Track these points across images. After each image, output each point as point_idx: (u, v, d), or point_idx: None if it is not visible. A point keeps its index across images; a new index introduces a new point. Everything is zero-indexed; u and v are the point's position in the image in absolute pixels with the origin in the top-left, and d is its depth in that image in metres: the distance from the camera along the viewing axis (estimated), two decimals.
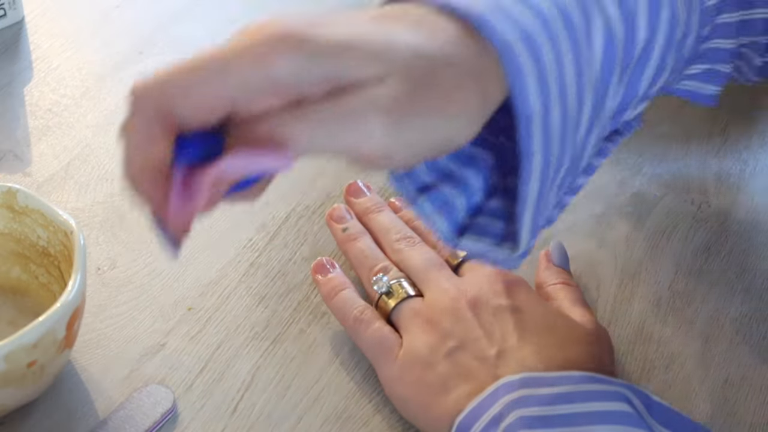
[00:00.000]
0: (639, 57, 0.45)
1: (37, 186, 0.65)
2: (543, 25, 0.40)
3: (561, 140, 0.42)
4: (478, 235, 0.45)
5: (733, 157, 0.67)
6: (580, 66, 0.41)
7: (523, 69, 0.39)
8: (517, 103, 0.39)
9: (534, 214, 0.43)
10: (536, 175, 0.41)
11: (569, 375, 0.48)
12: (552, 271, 0.58)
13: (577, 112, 0.42)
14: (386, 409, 0.53)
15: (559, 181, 0.44)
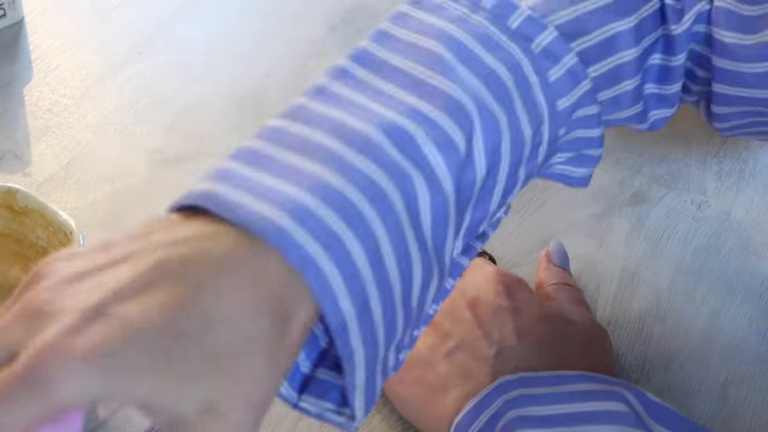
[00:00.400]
0: (481, 188, 0.42)
1: (36, 186, 0.65)
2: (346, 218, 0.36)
3: (386, 324, 0.38)
4: (318, 396, 0.41)
5: (733, 157, 0.67)
6: (401, 241, 0.38)
7: (329, 280, 0.35)
8: (328, 315, 0.36)
9: (366, 394, 0.39)
10: (361, 366, 0.38)
11: (567, 374, 0.48)
12: (552, 271, 0.58)
13: (405, 289, 0.39)
14: (386, 409, 0.53)
15: (394, 345, 0.40)
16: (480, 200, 0.43)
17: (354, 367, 0.38)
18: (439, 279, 0.42)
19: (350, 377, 0.38)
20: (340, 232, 0.36)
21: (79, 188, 0.65)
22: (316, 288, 0.35)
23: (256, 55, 0.75)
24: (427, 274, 0.40)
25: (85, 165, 0.67)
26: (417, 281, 0.40)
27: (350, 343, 0.37)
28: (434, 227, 0.40)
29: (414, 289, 0.40)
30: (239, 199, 0.35)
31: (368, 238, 0.37)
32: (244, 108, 0.71)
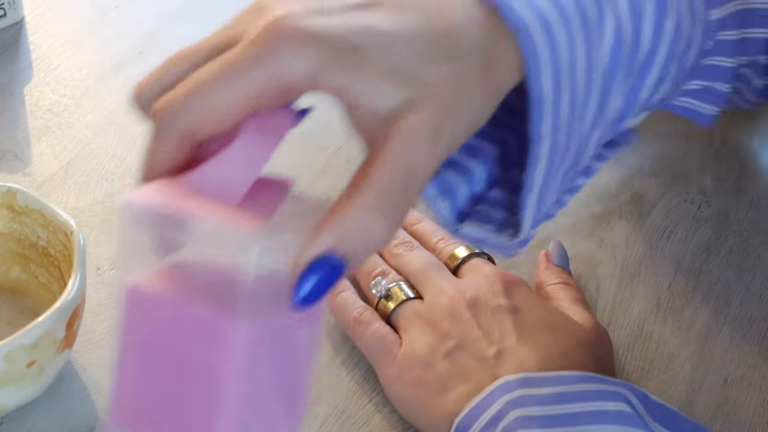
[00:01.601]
0: (642, 63, 0.45)
1: (37, 186, 0.65)
2: (560, 15, 0.40)
3: (568, 130, 0.42)
4: (479, 221, 0.45)
5: (733, 157, 0.67)
6: (591, 60, 0.41)
7: (539, 53, 0.39)
8: (533, 86, 0.39)
9: (538, 200, 0.42)
10: (543, 161, 0.41)
11: (568, 375, 0.48)
12: (552, 271, 0.58)
13: (584, 105, 0.42)
14: (386, 409, 0.53)
15: (562, 172, 0.44)
16: (639, 75, 0.45)
17: (539, 156, 0.41)
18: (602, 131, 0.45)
19: (532, 170, 0.41)
20: (553, 22, 0.40)
21: (79, 188, 0.65)
22: (528, 55, 0.39)
23: None
24: (598, 113, 0.43)
25: (85, 165, 0.67)
26: (591, 113, 0.43)
27: (542, 123, 0.40)
28: (608, 70, 0.43)
29: (588, 120, 0.43)
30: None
31: (570, 40, 0.40)
32: None
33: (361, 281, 0.57)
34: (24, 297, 0.56)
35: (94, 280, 0.59)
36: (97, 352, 0.56)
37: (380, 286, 0.55)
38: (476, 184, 0.45)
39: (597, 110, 0.43)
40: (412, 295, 0.54)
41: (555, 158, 0.42)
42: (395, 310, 0.54)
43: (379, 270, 0.56)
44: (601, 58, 0.42)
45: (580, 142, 0.43)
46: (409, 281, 0.55)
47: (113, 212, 0.64)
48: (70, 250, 0.52)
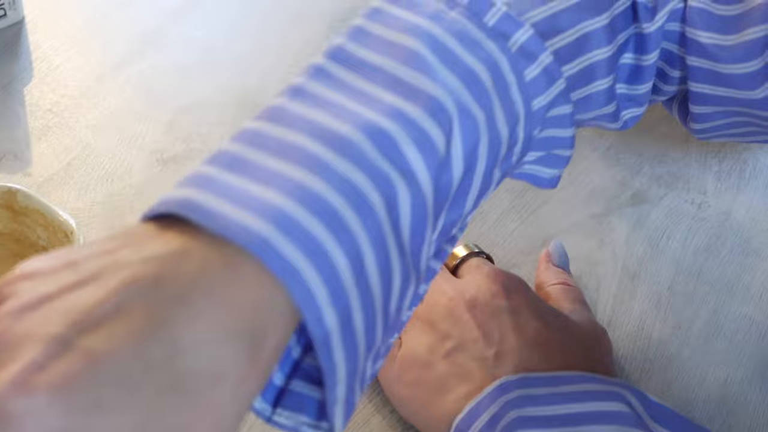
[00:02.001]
0: (457, 189, 0.42)
1: (37, 186, 0.65)
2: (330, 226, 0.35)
3: (367, 334, 0.37)
4: (293, 411, 0.41)
5: (733, 157, 0.67)
6: (383, 248, 0.37)
7: (313, 294, 0.34)
8: (312, 328, 0.34)
9: (346, 406, 0.38)
10: (342, 380, 0.37)
11: (567, 375, 0.48)
12: (552, 271, 0.58)
13: (384, 298, 0.38)
14: (386, 409, 0.53)
15: (372, 355, 0.39)
16: (455, 202, 0.42)
17: (335, 381, 0.36)
18: (415, 285, 0.41)
19: (331, 391, 0.36)
20: (324, 242, 0.35)
21: (79, 188, 0.65)
22: (300, 300, 0.34)
23: (256, 55, 0.75)
24: (405, 281, 0.39)
25: (85, 165, 0.67)
26: (396, 289, 0.38)
27: (333, 356, 0.35)
28: (413, 232, 0.39)
29: (393, 297, 0.38)
30: (218, 207, 0.34)
31: (351, 246, 0.35)
32: (244, 108, 0.71)
33: None
34: None
35: None
36: None
37: None
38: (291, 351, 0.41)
39: (404, 279, 0.39)
40: None
41: (356, 365, 0.38)
42: None
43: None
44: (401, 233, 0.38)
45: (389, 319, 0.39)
46: None
47: (113, 212, 0.64)
48: None
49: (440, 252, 0.45)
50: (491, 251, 0.61)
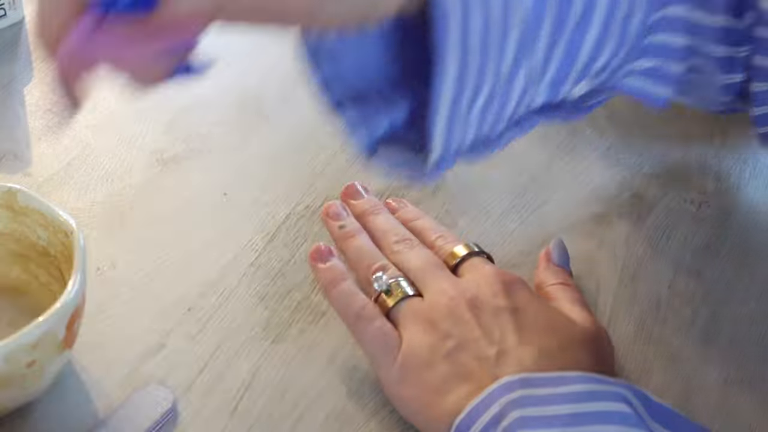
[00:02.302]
0: (577, 22, 0.45)
1: (37, 186, 0.65)
2: None
3: (481, 53, 0.42)
4: (395, 144, 0.47)
5: (733, 157, 0.67)
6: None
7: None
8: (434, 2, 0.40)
9: (448, 120, 0.44)
10: (451, 77, 0.42)
11: (568, 375, 0.48)
12: (552, 270, 0.58)
13: (501, 35, 0.42)
14: (386, 409, 0.53)
15: (480, 103, 0.44)
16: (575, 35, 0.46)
17: (445, 69, 0.41)
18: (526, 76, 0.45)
19: (438, 87, 0.41)
20: None
21: (79, 188, 0.65)
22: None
23: (256, 55, 0.75)
24: (519, 50, 0.43)
25: (85, 165, 0.67)
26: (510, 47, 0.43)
27: (447, 38, 0.40)
28: (533, 12, 0.43)
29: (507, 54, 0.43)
30: None
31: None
32: (244, 108, 0.71)
33: (360, 274, 0.57)
34: (24, 297, 0.56)
35: (94, 280, 0.59)
36: (97, 352, 0.56)
37: (381, 281, 0.55)
38: (397, 118, 0.47)
39: (519, 50, 0.44)
40: (412, 292, 0.54)
41: (465, 79, 0.42)
42: (394, 307, 0.54)
43: (379, 264, 0.56)
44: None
45: (498, 79, 0.44)
46: (409, 278, 0.55)
47: (113, 212, 0.64)
48: (70, 250, 0.52)
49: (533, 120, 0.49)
50: (491, 251, 0.61)
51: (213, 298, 0.59)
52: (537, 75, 0.46)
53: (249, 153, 0.68)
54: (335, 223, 0.59)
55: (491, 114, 0.46)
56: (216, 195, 0.65)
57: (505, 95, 0.45)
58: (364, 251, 0.57)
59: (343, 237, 0.59)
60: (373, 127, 0.47)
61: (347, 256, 0.58)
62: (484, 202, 0.65)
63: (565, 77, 0.48)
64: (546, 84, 0.47)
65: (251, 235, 0.62)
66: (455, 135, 0.45)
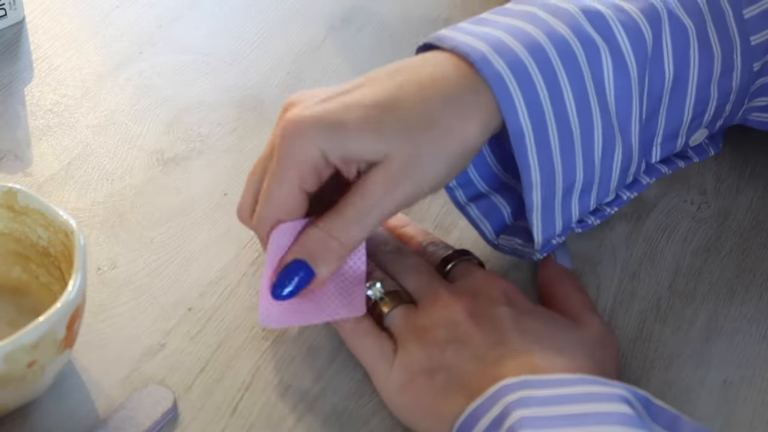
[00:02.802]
0: (672, 89, 0.53)
1: (37, 186, 0.65)
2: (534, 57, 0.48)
3: (563, 159, 0.50)
4: (510, 235, 0.57)
5: (733, 157, 0.67)
6: (581, 88, 0.49)
7: (512, 95, 0.48)
8: (509, 123, 0.48)
9: (543, 216, 0.52)
10: (537, 185, 0.50)
11: (568, 378, 0.48)
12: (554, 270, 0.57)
13: (585, 139, 0.50)
14: (386, 409, 0.53)
15: (576, 193, 0.52)
16: (672, 104, 0.53)
17: (531, 181, 0.49)
18: (623, 155, 0.52)
19: (528, 193, 0.50)
20: (528, 65, 0.48)
21: (80, 188, 0.65)
22: (501, 98, 0.48)
23: (256, 55, 0.75)
24: (608, 139, 0.51)
25: (85, 165, 0.67)
26: (597, 139, 0.50)
27: (527, 153, 0.49)
28: (618, 100, 0.50)
29: (595, 145, 0.50)
30: (455, 36, 0.50)
31: (551, 77, 0.48)
32: (244, 108, 0.71)
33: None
34: (24, 297, 0.56)
35: (95, 280, 0.59)
36: (97, 352, 0.56)
37: (375, 289, 0.54)
38: (508, 212, 0.58)
39: (606, 136, 0.50)
40: (407, 300, 0.54)
41: (553, 181, 0.50)
42: (389, 314, 0.54)
43: (373, 274, 0.56)
44: (601, 87, 0.49)
45: (590, 170, 0.51)
46: (402, 285, 0.55)
47: (113, 212, 0.64)
48: (70, 250, 0.52)
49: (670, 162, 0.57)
50: (491, 252, 0.61)
51: (213, 298, 0.59)
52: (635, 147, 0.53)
53: (249, 153, 0.68)
54: None
55: (592, 195, 0.53)
56: (216, 195, 0.65)
57: (603, 176, 0.52)
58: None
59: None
60: (492, 220, 0.58)
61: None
62: None
63: (676, 135, 0.55)
64: (658, 145, 0.55)
65: (251, 235, 0.62)
66: (554, 224, 0.53)
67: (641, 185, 0.57)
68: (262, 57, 0.75)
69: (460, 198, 0.58)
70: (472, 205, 0.58)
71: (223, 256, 0.61)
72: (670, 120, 0.54)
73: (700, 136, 0.57)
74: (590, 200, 0.53)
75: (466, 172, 0.58)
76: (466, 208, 0.58)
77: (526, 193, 0.50)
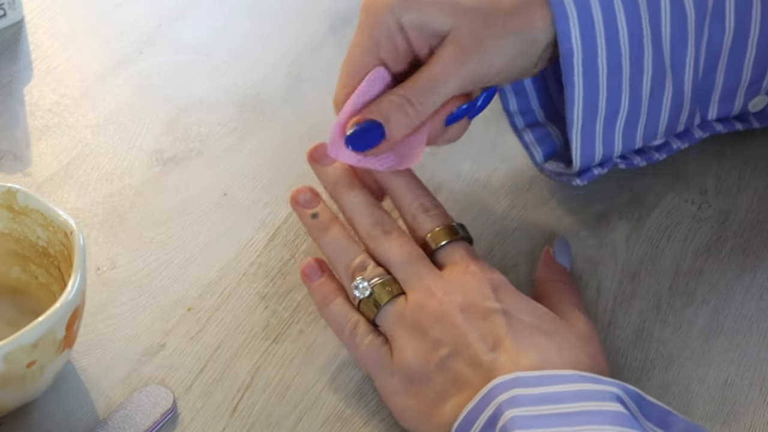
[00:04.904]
0: (732, 47, 0.55)
1: (37, 186, 0.65)
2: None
3: (610, 79, 0.53)
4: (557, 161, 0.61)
5: (733, 157, 0.67)
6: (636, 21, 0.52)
7: (568, 14, 0.51)
8: (562, 42, 0.52)
9: (583, 137, 0.55)
10: (579, 104, 0.53)
11: (562, 374, 0.48)
12: (551, 268, 0.57)
13: (634, 61, 0.53)
14: (386, 409, 0.53)
15: (620, 124, 0.55)
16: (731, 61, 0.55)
17: (573, 99, 0.53)
18: (674, 99, 0.55)
19: (570, 111, 0.54)
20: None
21: (79, 188, 0.65)
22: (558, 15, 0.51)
23: (256, 55, 0.75)
24: (658, 77, 0.54)
25: (85, 165, 0.67)
26: (647, 74, 0.53)
27: (573, 70, 0.52)
28: (673, 44, 0.53)
29: (644, 80, 0.54)
30: None
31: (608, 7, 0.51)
32: (244, 108, 0.71)
33: (340, 272, 0.55)
34: (24, 297, 0.56)
35: (94, 280, 0.59)
36: (97, 352, 0.56)
37: (361, 288, 0.53)
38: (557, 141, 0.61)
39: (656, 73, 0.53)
40: (395, 291, 0.53)
41: (596, 103, 0.54)
42: (380, 312, 0.53)
43: (357, 263, 0.54)
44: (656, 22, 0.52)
45: (637, 104, 0.54)
46: (386, 268, 0.54)
47: (113, 212, 0.64)
48: (70, 250, 0.52)
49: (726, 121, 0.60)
50: (491, 251, 0.61)
51: (213, 298, 0.59)
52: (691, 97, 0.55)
53: (249, 153, 0.68)
54: (307, 212, 0.57)
55: (639, 130, 0.56)
56: (216, 195, 0.65)
57: (651, 113, 0.55)
58: (340, 245, 0.56)
59: (316, 229, 0.57)
60: (544, 147, 0.61)
61: (324, 251, 0.56)
62: (484, 202, 0.65)
63: (734, 95, 0.57)
64: (715, 102, 0.57)
65: (251, 235, 0.62)
66: (594, 149, 0.56)
67: (693, 137, 0.59)
68: (262, 57, 0.75)
69: (518, 123, 0.62)
70: (528, 131, 0.62)
71: (222, 256, 0.61)
72: (728, 78, 0.56)
73: (759, 102, 0.59)
74: (636, 135, 0.57)
75: (527, 99, 0.62)
76: (522, 133, 0.62)
77: (568, 109, 0.54)
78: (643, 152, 0.60)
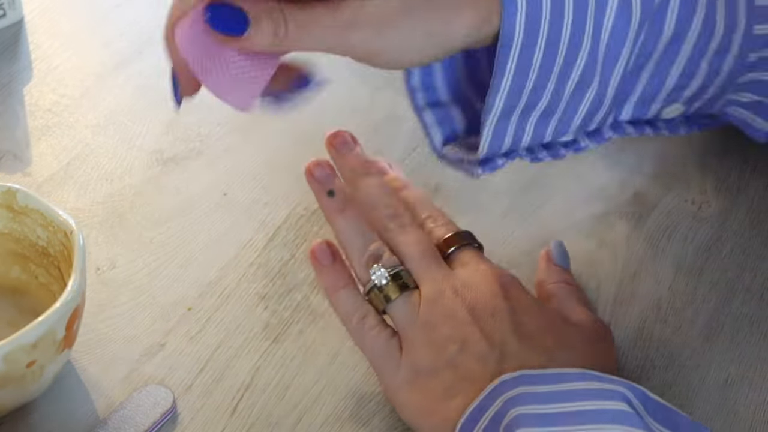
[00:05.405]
0: (665, 50, 0.52)
1: (36, 186, 0.65)
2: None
3: (539, 78, 0.50)
4: (458, 144, 0.56)
5: (733, 157, 0.67)
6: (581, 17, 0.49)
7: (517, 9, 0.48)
8: (503, 31, 0.48)
9: (497, 125, 0.51)
10: (503, 93, 0.50)
11: (568, 372, 0.48)
12: (552, 270, 0.57)
13: (569, 54, 0.49)
14: (386, 409, 0.53)
15: (535, 116, 0.52)
16: (663, 61, 0.52)
17: (498, 88, 0.49)
18: (596, 96, 0.52)
19: (493, 95, 0.50)
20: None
21: (79, 188, 0.65)
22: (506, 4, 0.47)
23: None
24: (587, 74, 0.50)
25: (85, 165, 0.67)
26: (577, 70, 0.50)
27: (507, 62, 0.49)
28: (612, 40, 0.50)
29: (572, 75, 0.50)
30: None
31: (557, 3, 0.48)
32: None
33: (352, 257, 0.54)
34: (24, 297, 0.56)
35: (94, 280, 0.59)
36: (97, 352, 0.56)
37: (379, 274, 0.53)
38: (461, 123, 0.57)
39: (588, 67, 0.50)
40: (411, 285, 0.53)
41: (519, 96, 0.50)
42: (392, 303, 0.53)
43: (372, 250, 0.54)
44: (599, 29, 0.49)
45: (557, 98, 0.51)
46: (402, 262, 0.54)
47: (113, 212, 0.64)
48: (69, 250, 0.52)
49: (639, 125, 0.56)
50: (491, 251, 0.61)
51: (213, 298, 0.59)
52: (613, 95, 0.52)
53: (249, 153, 0.68)
54: (322, 189, 0.56)
55: (551, 123, 0.52)
56: (216, 195, 0.65)
57: (569, 109, 0.52)
58: (354, 230, 0.55)
59: (331, 210, 0.56)
60: (443, 129, 0.56)
61: (336, 231, 0.55)
62: (484, 202, 0.65)
63: (652, 99, 0.54)
64: (632, 103, 0.54)
65: (251, 235, 0.62)
66: (503, 138, 0.52)
67: (602, 138, 0.55)
68: None
69: (419, 100, 0.56)
70: (429, 111, 0.56)
71: (222, 256, 0.61)
72: (652, 81, 0.53)
73: (674, 111, 0.55)
74: (547, 128, 0.53)
75: (430, 75, 0.56)
76: (422, 112, 0.56)
77: (491, 95, 0.50)
78: (551, 147, 0.55)
